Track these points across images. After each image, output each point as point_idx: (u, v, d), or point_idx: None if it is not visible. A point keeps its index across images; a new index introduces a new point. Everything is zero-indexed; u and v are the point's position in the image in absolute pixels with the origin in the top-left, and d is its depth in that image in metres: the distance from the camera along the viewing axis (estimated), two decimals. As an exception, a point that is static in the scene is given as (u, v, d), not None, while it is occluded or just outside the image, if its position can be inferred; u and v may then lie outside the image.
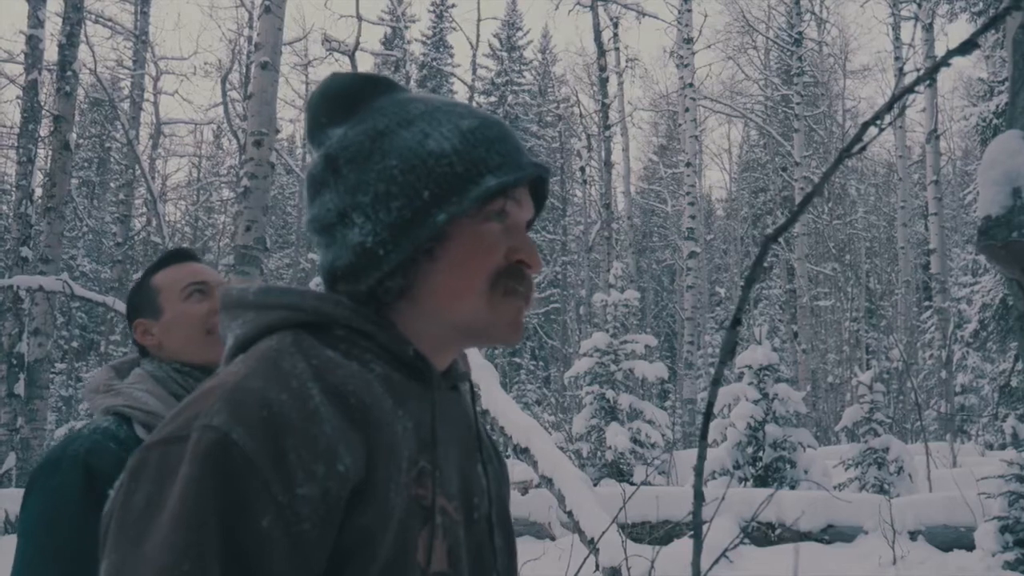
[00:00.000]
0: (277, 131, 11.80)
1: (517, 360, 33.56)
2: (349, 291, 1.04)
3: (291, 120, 39.12)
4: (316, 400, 0.90)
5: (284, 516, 0.84)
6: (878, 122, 1.60)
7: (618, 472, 13.35)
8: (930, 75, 1.63)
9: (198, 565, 0.81)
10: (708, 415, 1.85)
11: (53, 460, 1.72)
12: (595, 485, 9.88)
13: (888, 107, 1.66)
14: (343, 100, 1.10)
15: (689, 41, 21.54)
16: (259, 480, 0.84)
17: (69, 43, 14.17)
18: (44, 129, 16.49)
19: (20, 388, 13.25)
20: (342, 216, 1.05)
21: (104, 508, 0.92)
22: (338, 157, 1.06)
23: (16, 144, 16.17)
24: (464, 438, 1.11)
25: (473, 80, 32.68)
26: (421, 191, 1.02)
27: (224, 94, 22.32)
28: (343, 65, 22.91)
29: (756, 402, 11.45)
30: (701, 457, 1.94)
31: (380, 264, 1.02)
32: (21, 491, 9.31)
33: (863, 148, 1.69)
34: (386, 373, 1.00)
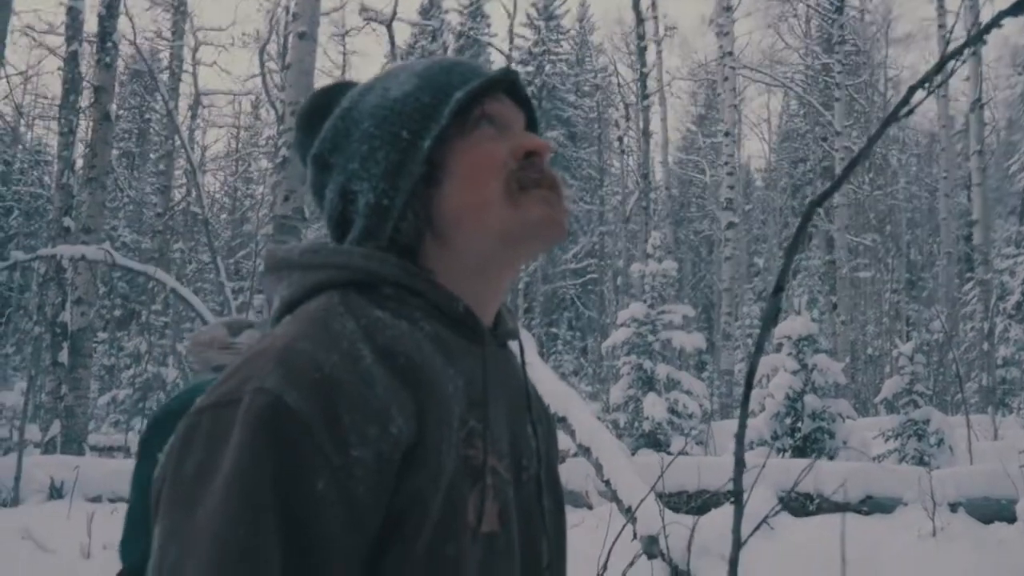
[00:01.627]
0: (315, 101, 11.81)
1: (554, 330, 33.58)
2: (373, 247, 1.05)
3: (328, 90, 39.06)
4: (367, 361, 0.90)
5: (338, 479, 0.84)
6: (926, 85, 1.58)
7: (655, 442, 13.35)
8: (980, 36, 1.60)
9: (253, 530, 0.80)
10: (749, 381, 1.84)
11: (171, 413, 1.73)
12: (632, 455, 9.89)
13: (936, 70, 1.64)
14: (315, 113, 1.14)
15: (729, 9, 21.28)
16: (313, 443, 0.83)
17: (109, 14, 14.26)
18: (85, 100, 16.63)
19: (64, 357, 13.44)
20: (344, 195, 1.07)
21: (155, 473, 0.92)
22: (322, 152, 1.10)
23: (57, 115, 16.32)
24: (513, 397, 1.09)
25: (510, 49, 32.55)
26: (399, 132, 1.04)
27: (262, 64, 22.37)
28: (380, 35, 22.85)
29: (795, 373, 11.38)
30: (742, 424, 1.94)
31: (389, 212, 1.03)
32: (66, 457, 9.47)
33: (910, 112, 1.67)
34: (435, 331, 0.99)
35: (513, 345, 1.17)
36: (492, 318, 1.10)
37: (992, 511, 7.98)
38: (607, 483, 7.13)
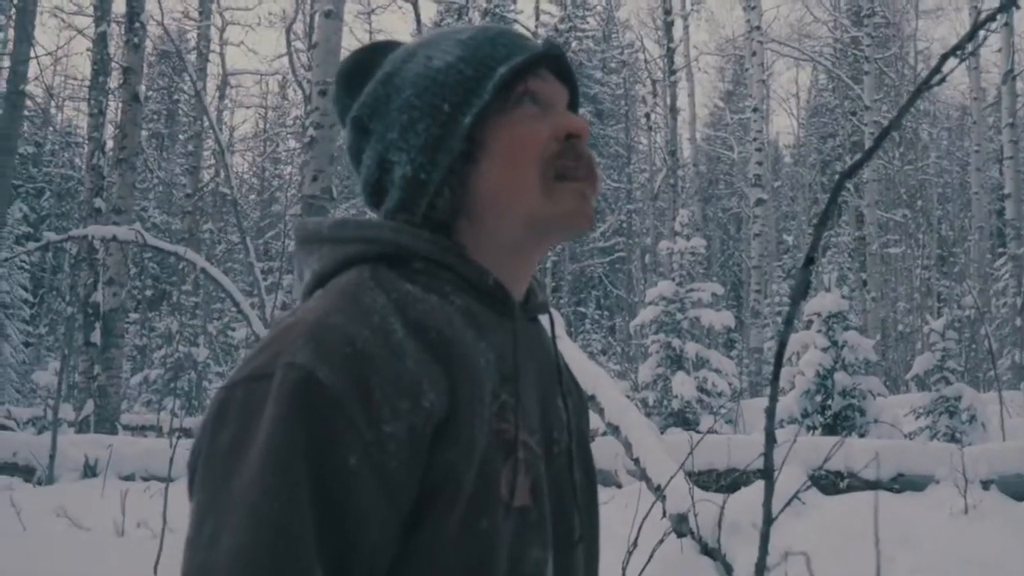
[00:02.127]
0: (342, 80, 11.82)
1: (582, 309, 33.56)
2: (407, 223, 1.04)
3: (355, 70, 39.10)
4: (399, 335, 0.90)
5: (371, 453, 0.84)
6: (958, 53, 1.56)
7: (684, 421, 13.34)
8: (1013, 2, 1.58)
9: (288, 503, 0.80)
10: (780, 356, 1.83)
11: None
12: (661, 434, 9.89)
13: (968, 37, 1.62)
14: (356, 73, 1.13)
15: (757, -17, 21.09)
16: (345, 418, 0.84)
17: (137, -5, 14.29)
18: (113, 82, 16.69)
19: (96, 337, 13.57)
20: (381, 163, 1.07)
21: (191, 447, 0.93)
22: (361, 116, 1.09)
23: (87, 97, 16.41)
24: (544, 370, 1.09)
25: (536, 26, 32.45)
26: (441, 105, 1.03)
27: (289, 44, 22.43)
28: (406, 12, 22.81)
29: (825, 350, 11.33)
30: (773, 398, 1.93)
31: (426, 186, 1.03)
32: (99, 436, 9.55)
33: (942, 80, 1.65)
34: (466, 305, 0.99)
35: (543, 319, 1.16)
36: (523, 293, 1.10)
37: (1025, 488, 7.93)
38: (636, 461, 7.13)
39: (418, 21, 16.11)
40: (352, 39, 31.91)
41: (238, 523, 0.80)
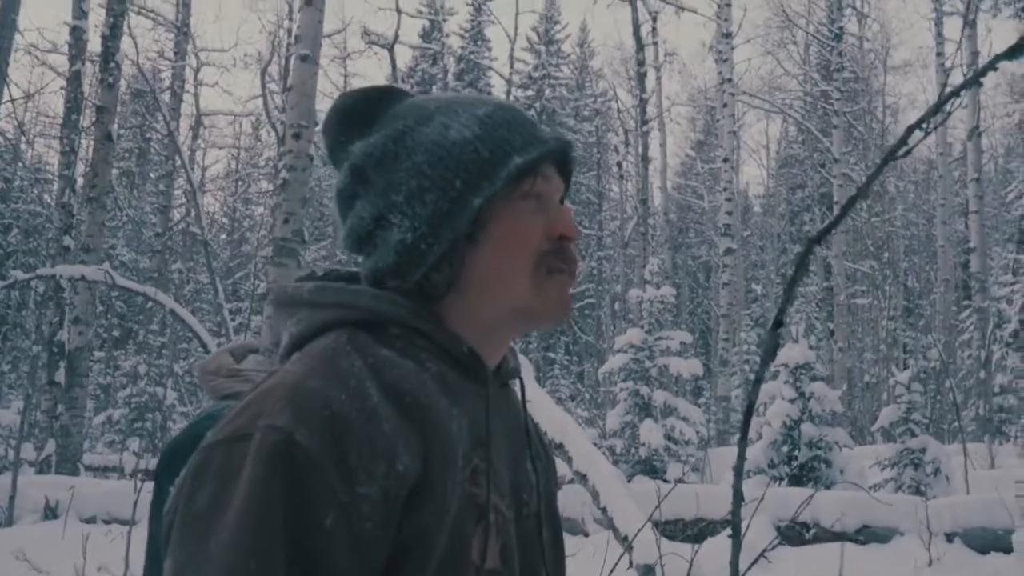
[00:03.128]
0: (316, 123, 11.85)
1: (551, 355, 33.55)
2: (396, 288, 1.05)
3: (329, 112, 39.22)
4: (374, 399, 0.91)
5: (347, 515, 0.85)
6: (923, 126, 1.60)
7: (652, 469, 13.34)
8: (976, 79, 1.63)
9: (264, 563, 0.82)
10: (748, 414, 1.86)
11: (182, 445, 1.76)
12: (628, 481, 9.88)
13: (934, 111, 1.66)
14: (359, 115, 1.12)
15: (728, 36, 21.42)
16: (322, 480, 0.85)
17: (112, 34, 14.31)
18: (86, 119, 16.65)
19: (60, 376, 13.42)
20: (378, 220, 1.06)
21: (165, 506, 0.94)
22: (364, 165, 1.08)
23: (59, 134, 16.36)
24: (514, 434, 1.11)
25: (511, 74, 32.68)
26: (453, 180, 1.03)
27: (263, 86, 22.47)
28: (381, 58, 22.98)
29: (792, 401, 11.39)
30: (741, 456, 1.95)
31: (424, 257, 1.03)
32: (61, 477, 9.43)
33: (908, 152, 1.69)
34: (440, 371, 1.01)
35: (515, 383, 1.18)
36: (496, 362, 1.11)
37: (989, 541, 7.98)
38: (604, 511, 7.13)
39: (393, 67, 16.22)
40: (327, 83, 32.04)
41: None
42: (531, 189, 1.07)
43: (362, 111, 1.12)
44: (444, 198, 1.03)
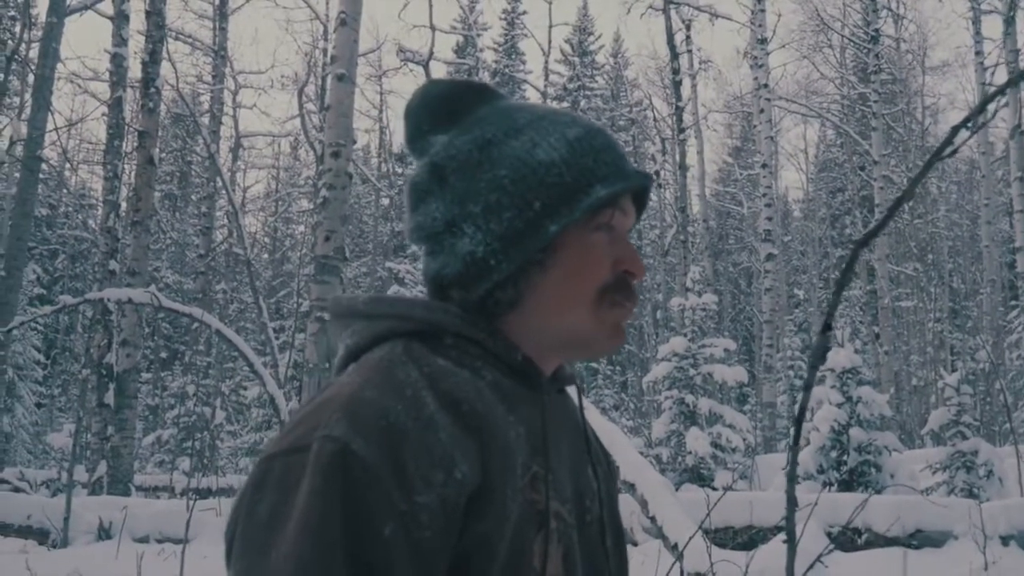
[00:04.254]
0: (354, 142, 11.94)
1: (594, 365, 33.46)
2: (460, 299, 1.06)
3: (366, 130, 39.56)
4: (431, 408, 0.91)
5: (406, 524, 0.85)
6: (968, 125, 1.59)
7: (699, 477, 13.26)
8: (1021, 77, 1.62)
9: (324, 573, 0.82)
10: (800, 419, 1.85)
11: None
12: (676, 490, 9.83)
13: (979, 110, 1.65)
14: (445, 107, 1.11)
15: (763, 41, 21.34)
16: (381, 489, 0.85)
17: (152, 60, 14.49)
18: (128, 145, 16.88)
19: (110, 398, 13.58)
20: (450, 225, 1.06)
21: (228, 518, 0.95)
22: (445, 166, 1.07)
23: (102, 160, 16.60)
24: (573, 441, 1.11)
25: (545, 86, 32.78)
26: (532, 201, 1.03)
27: (300, 106, 22.63)
28: (417, 75, 23.12)
29: (840, 405, 11.28)
30: (793, 462, 1.94)
31: (491, 274, 1.03)
32: (113, 498, 9.53)
33: (954, 152, 1.68)
34: (496, 379, 1.01)
35: (571, 389, 1.19)
36: (552, 370, 1.12)
37: (1045, 544, 7.85)
38: (652, 519, 7.10)
39: (429, 82, 16.25)
40: (363, 101, 32.28)
41: None
42: (608, 219, 1.06)
43: (449, 104, 1.11)
44: (520, 218, 1.03)
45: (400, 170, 38.90)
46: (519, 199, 1.03)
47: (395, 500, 0.85)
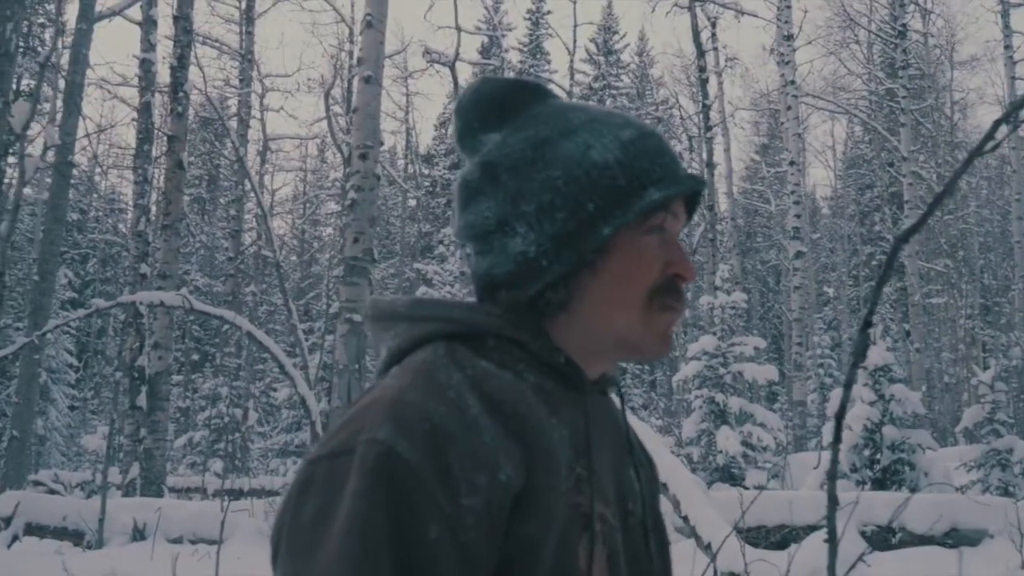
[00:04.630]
0: (381, 143, 11.98)
1: (623, 364, 33.41)
2: (510, 300, 1.05)
3: (393, 132, 39.68)
4: (474, 411, 0.91)
5: (451, 526, 0.85)
6: (1010, 120, 1.58)
7: (730, 476, 13.21)
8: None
9: (370, 575, 0.82)
10: (841, 417, 1.84)
11: None
12: (707, 489, 9.80)
13: (1020, 104, 1.64)
14: (497, 105, 1.10)
15: (789, 38, 21.23)
16: (425, 491, 0.85)
17: (180, 65, 14.59)
18: (157, 149, 17.01)
19: (142, 400, 13.68)
20: (502, 224, 1.05)
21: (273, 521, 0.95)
22: (498, 165, 1.07)
23: (133, 165, 16.73)
24: (616, 443, 1.11)
25: (571, 85, 32.74)
26: (585, 203, 1.02)
27: (327, 109, 22.71)
28: (443, 76, 23.16)
29: (872, 404, 11.21)
30: (834, 460, 1.93)
31: (543, 274, 1.03)
32: (146, 499, 9.60)
33: (996, 147, 1.66)
34: (539, 382, 1.00)
35: (614, 391, 1.18)
36: (598, 374, 1.11)
37: (1083, 542, 7.75)
38: (685, 519, 7.08)
39: (455, 84, 16.33)
40: (388, 102, 32.37)
41: None
42: (660, 222, 1.06)
43: (502, 102, 1.10)
44: (573, 219, 1.02)
45: (426, 171, 39.01)
46: (572, 200, 1.03)
47: (440, 502, 0.85)
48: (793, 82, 21.09)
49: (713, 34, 25.74)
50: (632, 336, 1.06)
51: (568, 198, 1.03)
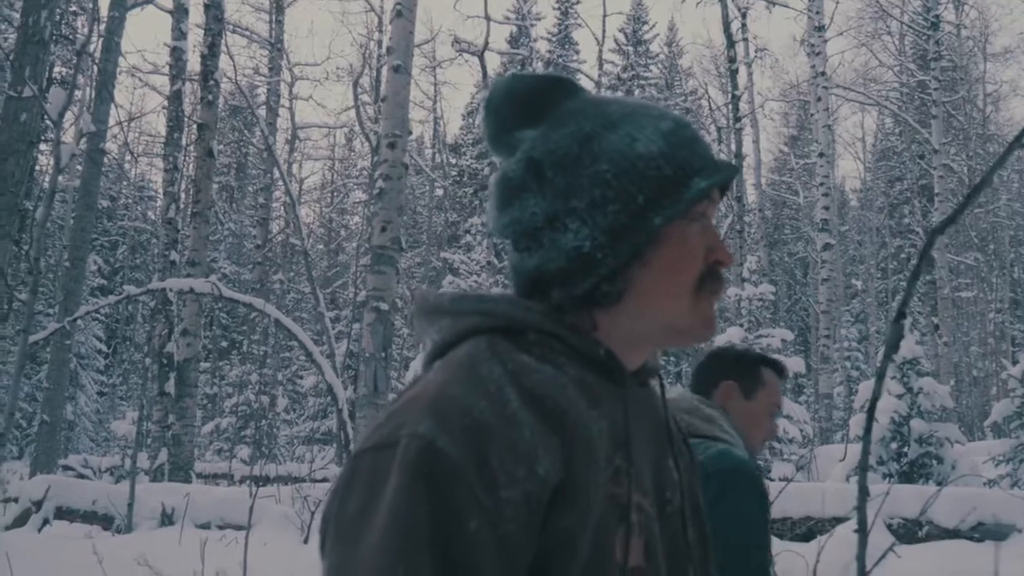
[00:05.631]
0: (410, 132, 12.00)
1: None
2: (564, 296, 1.06)
3: (421, 121, 39.72)
4: (514, 405, 0.93)
5: (490, 518, 0.87)
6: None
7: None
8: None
9: (412, 567, 0.84)
10: (872, 408, 1.84)
11: (746, 472, 2.14)
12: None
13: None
14: (532, 102, 1.10)
15: (820, 29, 21.07)
16: (465, 485, 0.87)
17: (211, 53, 14.65)
18: (187, 137, 17.11)
19: (170, 387, 13.79)
20: (551, 221, 1.05)
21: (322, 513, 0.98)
22: (542, 161, 1.07)
23: (163, 152, 16.84)
24: (655, 433, 1.12)
25: (599, 76, 32.63)
26: (636, 195, 1.03)
27: (356, 97, 22.79)
28: (472, 66, 23.16)
29: (900, 397, 11.16)
30: (865, 451, 1.94)
31: (597, 268, 1.04)
32: (175, 485, 9.66)
33: (1033, 140, 1.66)
34: (579, 375, 1.02)
35: (655, 382, 1.19)
36: (637, 365, 1.12)
37: (1112, 538, 7.70)
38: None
39: (484, 74, 16.32)
40: (417, 92, 32.39)
41: None
42: (703, 210, 1.07)
43: (536, 99, 1.11)
44: (625, 211, 1.03)
45: (454, 161, 39.03)
46: (623, 193, 1.04)
47: (480, 496, 0.87)
48: (823, 73, 20.93)
49: (743, 24, 25.58)
50: (681, 323, 1.07)
51: (619, 191, 1.04)
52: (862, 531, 1.65)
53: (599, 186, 1.04)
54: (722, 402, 2.42)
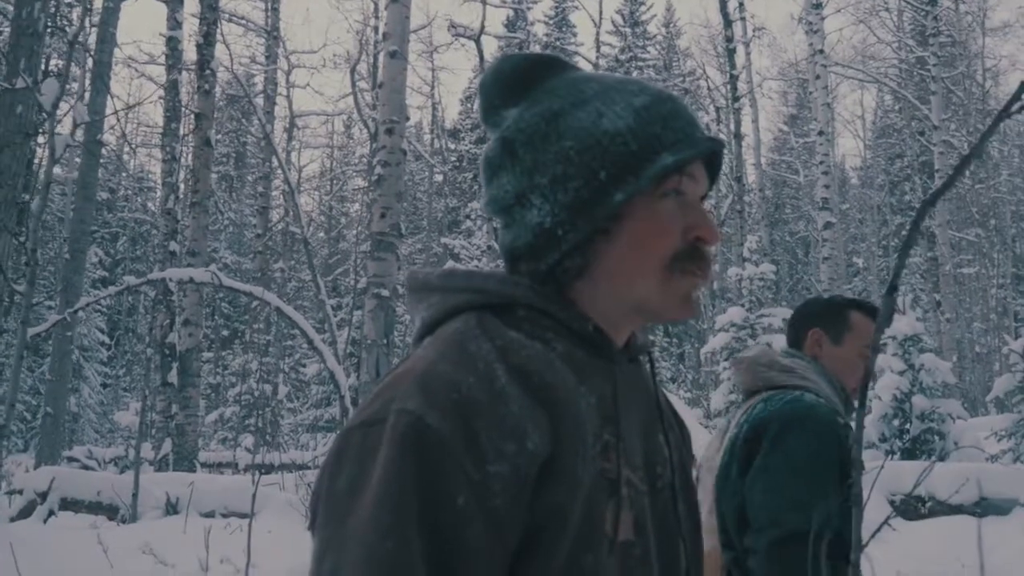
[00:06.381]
0: (407, 118, 11.98)
1: (651, 337, 33.35)
2: (530, 270, 1.07)
3: (419, 107, 39.65)
4: (502, 381, 0.94)
5: (478, 493, 0.88)
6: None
7: (758, 447, 13.19)
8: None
9: (401, 541, 0.85)
10: (866, 383, 1.84)
11: (809, 416, 2.13)
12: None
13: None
14: (516, 81, 1.12)
15: (818, 6, 20.98)
16: (453, 460, 0.88)
17: (206, 42, 14.62)
18: (185, 127, 17.06)
19: (173, 377, 13.81)
20: (520, 197, 1.08)
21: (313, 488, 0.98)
22: (514, 140, 1.09)
23: (161, 143, 16.81)
24: (645, 408, 1.12)
25: (597, 58, 32.56)
26: (597, 171, 1.04)
27: (353, 84, 22.72)
28: (469, 50, 23.10)
29: (901, 373, 11.16)
30: (859, 425, 1.93)
31: (559, 244, 1.05)
32: (179, 474, 9.67)
33: (1023, 108, 1.65)
34: (568, 351, 1.02)
35: (644, 358, 1.19)
36: (623, 341, 1.12)
37: (1115, 511, 7.72)
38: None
39: (481, 58, 16.28)
40: (415, 77, 32.32)
41: (355, 559, 0.85)
42: (675, 186, 1.07)
43: (520, 78, 1.12)
44: (586, 188, 1.04)
45: (452, 146, 38.97)
46: (585, 169, 1.04)
47: (468, 470, 0.88)
48: (822, 51, 20.85)
49: (740, 4, 25.46)
50: (652, 302, 1.07)
51: (581, 167, 1.04)
52: (857, 505, 1.65)
53: (562, 163, 1.05)
54: (812, 351, 2.42)
